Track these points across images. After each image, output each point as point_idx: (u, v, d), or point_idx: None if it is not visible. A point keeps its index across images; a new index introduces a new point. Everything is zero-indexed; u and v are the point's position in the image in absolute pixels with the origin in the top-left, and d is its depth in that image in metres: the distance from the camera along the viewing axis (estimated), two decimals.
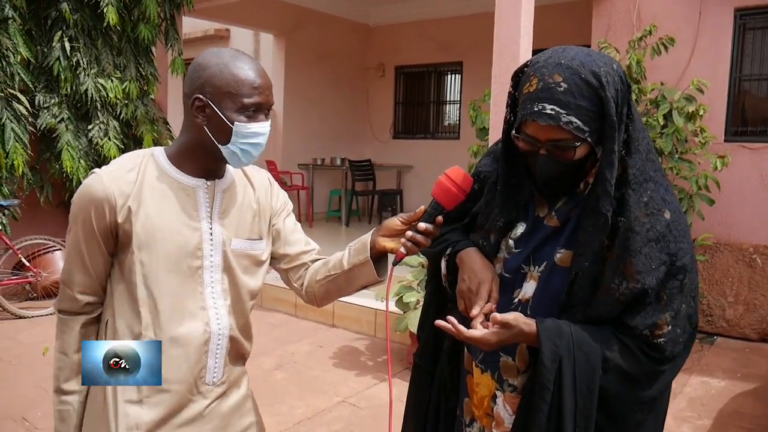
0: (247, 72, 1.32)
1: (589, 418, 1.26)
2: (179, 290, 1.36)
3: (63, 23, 5.63)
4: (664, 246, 1.24)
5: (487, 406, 1.41)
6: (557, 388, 1.25)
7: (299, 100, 9.16)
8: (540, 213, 1.37)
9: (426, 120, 9.95)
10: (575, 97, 1.18)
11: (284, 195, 1.60)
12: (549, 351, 1.24)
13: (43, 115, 5.61)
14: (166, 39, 6.41)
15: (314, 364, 4.41)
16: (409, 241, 1.34)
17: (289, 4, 8.52)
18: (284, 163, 9.00)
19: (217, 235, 1.40)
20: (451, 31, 8.97)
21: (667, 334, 1.25)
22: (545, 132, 1.21)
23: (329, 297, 1.55)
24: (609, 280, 1.24)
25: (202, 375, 1.40)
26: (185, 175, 1.38)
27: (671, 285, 1.25)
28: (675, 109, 4.60)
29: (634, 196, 1.24)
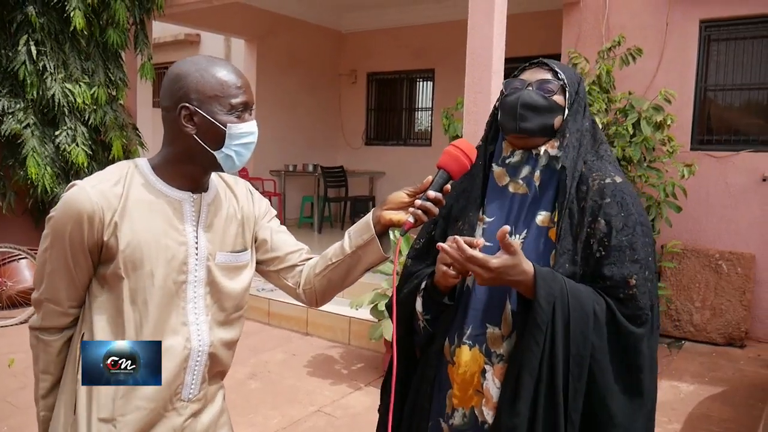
0: (228, 74, 1.33)
1: (583, 366, 1.31)
2: (164, 305, 1.33)
3: (29, 27, 5.52)
4: (633, 203, 1.42)
5: (477, 382, 1.44)
6: (550, 332, 1.31)
7: (271, 106, 9.10)
8: (501, 183, 1.53)
9: (398, 127, 9.97)
10: (566, 68, 1.52)
11: (265, 201, 1.58)
12: (544, 291, 1.31)
13: (7, 121, 5.49)
14: (136, 44, 6.32)
15: (288, 373, 4.37)
16: (419, 209, 1.33)
17: (260, 9, 8.47)
18: (256, 170, 8.93)
19: (202, 249, 1.37)
20: (423, 38, 9.01)
21: (636, 286, 1.35)
22: (536, 74, 1.50)
23: (331, 289, 1.51)
24: (585, 225, 1.39)
25: (178, 391, 1.37)
26: (171, 188, 1.36)
27: (636, 239, 1.38)
28: (643, 118, 4.69)
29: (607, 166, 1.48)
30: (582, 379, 1.32)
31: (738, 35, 5.34)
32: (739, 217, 5.26)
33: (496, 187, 1.53)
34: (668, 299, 5.27)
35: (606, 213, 1.38)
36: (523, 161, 1.50)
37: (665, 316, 5.33)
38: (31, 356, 1.41)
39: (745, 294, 5.09)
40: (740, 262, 5.11)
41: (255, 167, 8.92)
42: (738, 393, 4.14)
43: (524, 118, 1.45)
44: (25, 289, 5.47)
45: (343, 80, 10.17)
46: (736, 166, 5.25)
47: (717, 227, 5.34)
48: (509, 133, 1.50)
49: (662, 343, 5.23)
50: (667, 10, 5.40)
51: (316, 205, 8.80)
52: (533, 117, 1.45)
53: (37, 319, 1.38)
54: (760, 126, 5.33)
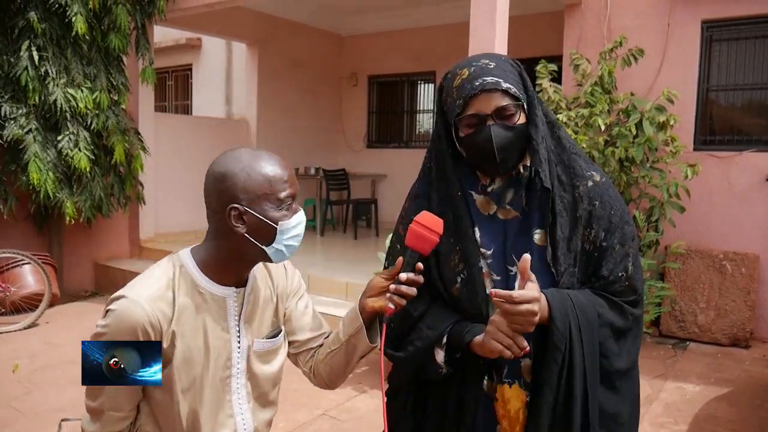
0: (274, 169, 1.32)
1: (595, 375, 1.36)
2: (213, 402, 1.36)
3: (30, 32, 5.53)
4: (616, 196, 1.44)
5: (524, 418, 1.41)
6: (568, 349, 1.33)
7: (273, 109, 9.11)
8: (488, 211, 1.45)
9: (399, 129, 9.97)
10: (504, 71, 1.36)
11: (298, 277, 1.58)
12: (559, 314, 1.32)
13: (9, 126, 5.49)
14: (137, 48, 6.33)
15: (294, 377, 4.34)
16: (395, 294, 1.32)
17: (262, 13, 8.48)
18: None
19: (243, 341, 1.40)
20: (424, 41, 9.02)
21: (633, 274, 1.42)
22: (489, 102, 1.33)
23: (335, 375, 1.52)
24: (578, 234, 1.39)
25: None
26: (216, 285, 1.36)
27: (625, 231, 1.42)
28: (646, 119, 4.69)
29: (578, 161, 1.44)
30: (596, 382, 1.36)
31: (740, 35, 5.33)
32: (742, 217, 5.25)
33: (484, 217, 1.45)
34: (672, 300, 5.26)
35: (597, 217, 1.40)
36: (506, 186, 1.44)
37: (669, 317, 5.32)
38: (34, 361, 1.41)
39: (749, 294, 5.08)
40: (744, 263, 5.10)
41: None
42: (744, 394, 4.13)
43: (505, 161, 1.37)
44: (28, 295, 5.47)
45: (344, 83, 10.18)
46: (739, 166, 5.25)
47: (721, 228, 5.33)
48: (490, 174, 1.44)
49: (667, 344, 5.22)
50: (669, 11, 5.40)
51: (319, 207, 8.80)
52: (512, 154, 1.37)
53: (97, 427, 1.34)
54: (763, 126, 5.33)
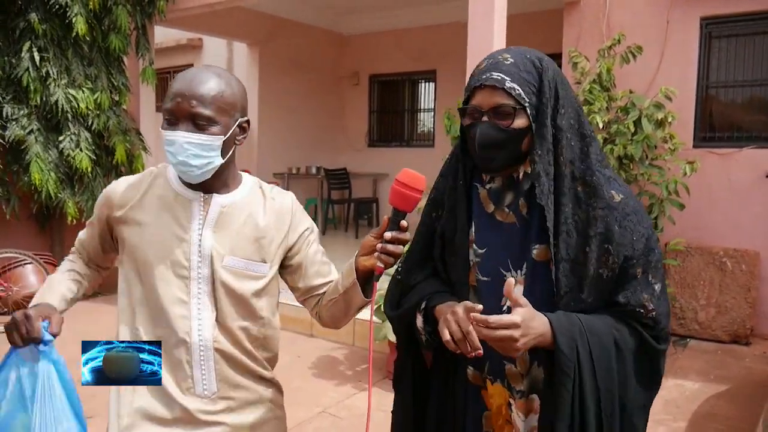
0: (177, 81, 1.37)
1: (613, 400, 1.30)
2: (165, 295, 1.40)
3: (32, 33, 5.55)
4: (639, 220, 1.32)
5: (506, 413, 1.43)
6: (577, 375, 1.27)
7: (274, 109, 9.13)
8: (487, 209, 1.42)
9: (401, 128, 9.99)
10: (519, 69, 1.30)
11: (307, 221, 1.58)
12: (565, 338, 1.26)
13: (11, 127, 5.52)
14: (138, 49, 6.35)
15: (294, 374, 4.38)
16: (383, 253, 1.34)
17: (262, 13, 8.50)
18: (259, 172, 8.95)
19: (206, 248, 1.41)
20: (424, 40, 9.03)
21: (655, 308, 1.32)
22: (489, 98, 1.30)
23: (337, 320, 1.56)
24: (592, 258, 1.30)
25: (189, 385, 1.41)
26: (185, 188, 1.44)
27: (650, 259, 1.32)
28: (644, 116, 4.69)
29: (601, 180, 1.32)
30: (615, 413, 1.30)
31: (739, 32, 5.33)
32: (743, 214, 5.25)
33: (484, 212, 1.43)
34: (673, 297, 5.26)
35: (617, 243, 1.29)
36: (505, 187, 1.40)
37: None
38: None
39: (749, 291, 5.07)
40: (744, 259, 5.10)
41: (258, 170, 8.95)
42: (743, 391, 4.13)
43: (487, 160, 1.34)
44: (30, 294, 5.49)
45: (345, 82, 10.20)
46: (739, 162, 5.24)
47: (721, 224, 5.32)
48: (481, 170, 1.41)
49: None
50: (668, 8, 5.40)
51: (320, 207, 8.83)
52: (495, 156, 1.32)
53: None
54: (763, 122, 5.32)
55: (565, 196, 1.31)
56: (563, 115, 1.31)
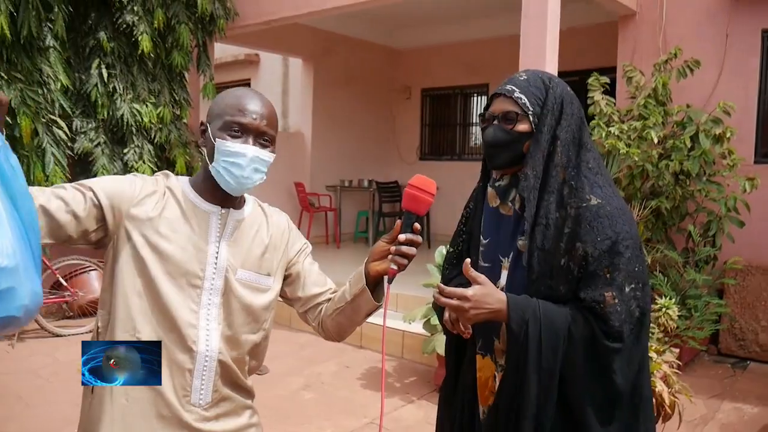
0: (239, 98, 1.43)
1: (552, 378, 1.45)
2: (176, 303, 1.40)
3: (100, 51, 5.85)
4: (611, 224, 1.45)
5: (492, 385, 1.63)
6: (524, 350, 1.44)
7: (327, 122, 9.29)
8: (492, 203, 1.63)
9: (452, 142, 10.00)
10: (529, 84, 1.55)
11: (302, 239, 1.66)
12: (516, 316, 1.44)
13: (80, 140, 5.81)
14: (199, 65, 6.61)
15: (342, 384, 4.45)
16: (396, 255, 1.40)
17: (317, 29, 8.69)
18: (312, 185, 9.11)
19: (222, 260, 1.45)
20: (476, 53, 9.04)
21: (612, 306, 1.43)
22: (500, 105, 1.55)
23: (341, 330, 1.59)
24: (562, 250, 1.46)
25: (187, 394, 1.42)
26: (203, 201, 1.47)
27: (614, 261, 1.44)
28: (702, 131, 4.60)
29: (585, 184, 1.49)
30: (551, 389, 1.45)
31: None
32: None
33: (490, 208, 1.64)
34: (732, 318, 5.10)
35: (583, 240, 1.44)
36: (511, 184, 1.58)
37: (729, 335, 5.16)
38: None
39: None
40: None
41: (311, 183, 9.11)
42: None
43: (492, 157, 1.57)
44: (95, 299, 5.75)
45: (397, 96, 10.29)
46: None
47: None
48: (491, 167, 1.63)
49: (726, 363, 5.06)
50: (727, 21, 5.28)
51: (371, 219, 8.91)
52: (499, 154, 1.55)
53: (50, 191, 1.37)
54: None
55: (551, 195, 1.49)
56: (564, 127, 1.51)
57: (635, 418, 1.51)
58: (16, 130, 5.25)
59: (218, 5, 6.47)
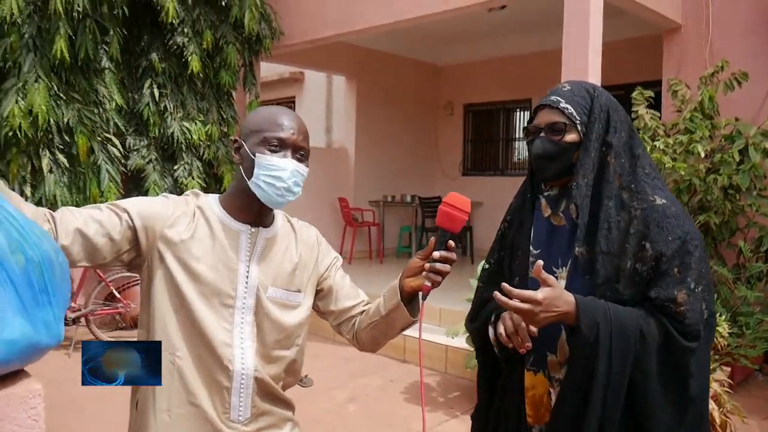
0: (275, 114, 1.46)
1: (621, 382, 1.40)
2: (208, 322, 1.42)
3: (152, 72, 6.07)
4: (679, 223, 1.44)
5: (547, 402, 1.57)
6: (593, 354, 1.40)
7: (370, 138, 9.40)
8: (545, 214, 1.61)
9: (495, 157, 9.99)
10: (574, 94, 1.54)
11: (333, 252, 1.67)
12: (587, 318, 1.40)
13: (133, 157, 6.03)
14: (245, 83, 6.79)
15: (386, 398, 4.48)
16: (430, 272, 1.41)
17: (360, 47, 8.83)
18: (356, 200, 9.21)
19: (252, 279, 1.47)
20: (519, 68, 9.05)
21: (686, 304, 1.41)
22: (546, 116, 1.54)
23: (376, 343, 1.61)
24: (629, 253, 1.44)
25: (227, 410, 1.44)
26: (232, 219, 1.49)
27: (686, 260, 1.43)
28: (751, 144, 4.51)
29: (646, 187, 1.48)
30: (620, 394, 1.40)
31: None
32: None
33: (542, 219, 1.61)
34: None
35: (653, 240, 1.43)
36: (561, 195, 1.57)
37: None
38: None
39: None
40: None
41: (355, 198, 9.21)
42: None
43: (541, 169, 1.56)
44: None
45: (439, 112, 10.34)
46: None
47: None
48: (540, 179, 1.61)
49: None
50: None
51: (414, 235, 8.95)
52: (548, 165, 1.54)
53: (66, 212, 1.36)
54: None
55: (610, 200, 1.47)
56: (614, 134, 1.51)
57: (700, 428, 1.48)
58: (73, 148, 5.50)
59: (264, 25, 6.66)
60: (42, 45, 5.24)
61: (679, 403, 1.42)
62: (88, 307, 5.58)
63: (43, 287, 1.08)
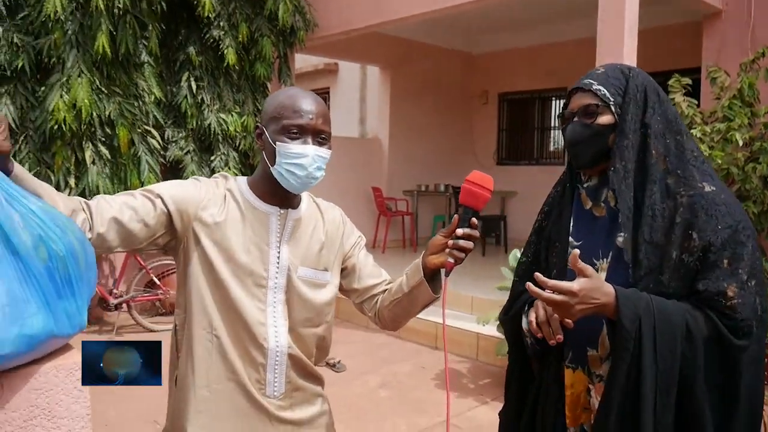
0: (293, 99, 1.46)
1: (671, 382, 1.30)
2: (244, 301, 1.47)
3: (190, 65, 6.22)
4: (729, 211, 1.36)
5: (585, 400, 1.51)
6: (637, 349, 1.30)
7: (404, 128, 9.44)
8: (586, 206, 1.54)
9: (530, 146, 9.93)
10: (608, 76, 1.48)
11: (357, 231, 1.71)
12: (628, 310, 1.30)
13: (171, 148, 6.19)
14: (280, 75, 6.90)
15: (417, 384, 4.54)
16: (454, 249, 1.41)
17: (394, 37, 8.84)
18: (389, 190, 9.27)
19: (284, 259, 1.51)
20: (554, 57, 8.95)
21: (738, 298, 1.31)
22: (579, 100, 1.49)
23: (397, 320, 1.64)
24: (675, 243, 1.36)
25: (262, 387, 1.50)
26: (262, 202, 1.52)
27: (737, 251, 1.34)
28: None
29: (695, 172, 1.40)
30: (671, 394, 1.31)
31: None
32: None
33: (582, 210, 1.55)
34: None
35: (700, 229, 1.34)
36: (601, 184, 1.51)
37: None
38: None
39: None
40: None
41: (388, 187, 9.26)
42: None
43: (576, 155, 1.50)
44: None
45: (474, 101, 10.31)
46: None
47: None
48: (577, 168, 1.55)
49: None
50: None
51: (447, 224, 8.95)
52: (583, 151, 1.47)
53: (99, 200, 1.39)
54: None
55: (654, 184, 1.39)
56: (652, 115, 1.43)
57: (752, 428, 1.38)
58: (114, 140, 5.67)
59: (298, 17, 6.74)
60: (84, 41, 5.41)
61: (728, 404, 1.34)
62: (129, 293, 5.77)
63: (67, 279, 1.12)
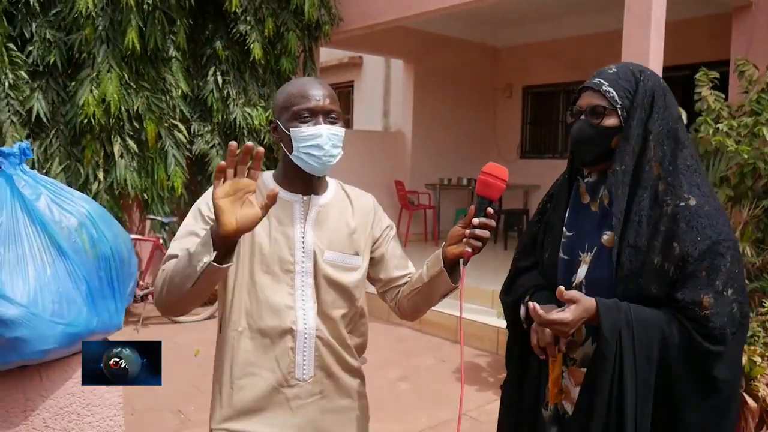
0: (298, 87, 1.53)
1: (649, 388, 1.40)
2: (271, 288, 1.54)
3: (216, 59, 6.31)
4: (710, 224, 1.41)
5: (560, 383, 1.59)
6: (618, 360, 1.39)
7: (427, 121, 9.44)
8: (584, 200, 1.60)
9: (554, 140, 9.86)
10: (618, 77, 1.51)
11: (387, 220, 1.74)
12: (608, 323, 1.39)
13: (197, 142, 6.29)
14: (305, 69, 6.95)
15: (437, 377, 4.57)
16: (471, 238, 1.45)
17: (418, 30, 8.84)
18: (412, 183, 9.28)
19: (309, 244, 1.56)
20: (579, 50, 8.86)
21: (711, 308, 1.38)
22: (588, 99, 1.52)
23: (417, 309, 1.67)
24: (657, 249, 1.41)
25: (291, 369, 1.55)
26: (285, 191, 1.58)
27: (715, 262, 1.39)
28: None
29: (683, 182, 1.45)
30: (648, 401, 1.39)
31: None
32: None
33: (579, 202, 1.61)
34: None
35: (681, 239, 1.40)
36: (599, 181, 1.56)
37: None
38: (212, 347, 1.67)
39: None
40: None
41: (411, 181, 9.28)
42: None
43: (579, 153, 1.55)
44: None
45: (498, 95, 10.26)
46: None
47: None
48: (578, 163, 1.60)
49: None
50: None
51: None
52: (587, 149, 1.52)
53: None
54: None
55: (645, 190, 1.45)
56: (656, 121, 1.47)
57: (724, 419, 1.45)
58: (142, 134, 5.79)
59: (324, 12, 6.78)
60: (114, 36, 5.53)
61: (705, 406, 1.41)
62: None
63: (110, 281, 1.21)
